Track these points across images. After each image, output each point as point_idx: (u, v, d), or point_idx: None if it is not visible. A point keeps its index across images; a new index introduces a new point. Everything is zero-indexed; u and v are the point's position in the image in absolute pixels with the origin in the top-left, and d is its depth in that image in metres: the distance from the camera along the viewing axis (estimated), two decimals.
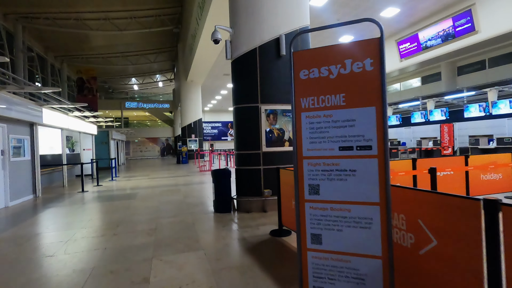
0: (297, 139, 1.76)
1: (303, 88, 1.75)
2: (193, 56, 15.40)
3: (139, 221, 4.56)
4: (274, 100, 4.91)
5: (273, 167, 4.82)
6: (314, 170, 1.72)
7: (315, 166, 1.72)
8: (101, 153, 16.88)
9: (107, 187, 8.99)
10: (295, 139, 1.78)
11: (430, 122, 15.32)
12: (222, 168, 5.09)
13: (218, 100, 32.39)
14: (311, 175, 1.73)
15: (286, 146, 4.95)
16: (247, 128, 4.97)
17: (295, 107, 1.78)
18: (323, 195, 1.70)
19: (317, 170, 1.71)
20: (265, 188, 4.84)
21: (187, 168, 15.56)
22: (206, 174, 11.88)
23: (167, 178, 10.72)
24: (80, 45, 23.38)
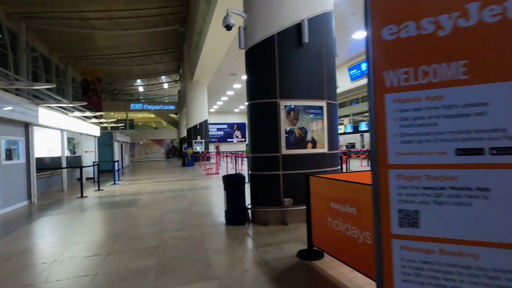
0: (378, 137, 1.11)
1: (388, 54, 1.09)
2: (199, 55, 14.83)
3: (139, 236, 3.92)
4: (295, 95, 4.24)
5: (295, 173, 4.16)
6: (409, 188, 1.06)
7: (411, 181, 1.06)
8: (105, 155, 16.39)
9: (108, 192, 8.40)
10: (374, 136, 1.12)
11: None
12: (234, 174, 4.44)
13: (224, 101, 31.84)
14: (403, 196, 1.07)
15: (309, 148, 4.28)
16: (264, 127, 4.31)
17: (373, 87, 1.12)
18: (426, 228, 1.04)
19: (415, 188, 1.05)
20: (285, 197, 4.17)
21: (193, 171, 14.96)
22: (213, 177, 11.25)
23: (172, 182, 10.11)
24: (84, 46, 23.06)
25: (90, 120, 10.98)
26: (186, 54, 21.26)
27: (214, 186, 8.80)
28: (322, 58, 4.41)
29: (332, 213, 2.54)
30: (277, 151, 4.20)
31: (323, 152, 4.37)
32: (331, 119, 4.48)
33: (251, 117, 4.52)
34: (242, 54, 16.24)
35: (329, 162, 4.43)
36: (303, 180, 4.18)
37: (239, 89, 25.32)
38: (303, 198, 4.20)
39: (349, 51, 15.70)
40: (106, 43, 23.20)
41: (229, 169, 13.37)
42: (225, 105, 34.60)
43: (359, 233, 2.23)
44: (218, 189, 8.01)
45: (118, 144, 18.27)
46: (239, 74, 20.26)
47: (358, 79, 16.71)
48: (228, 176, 4.33)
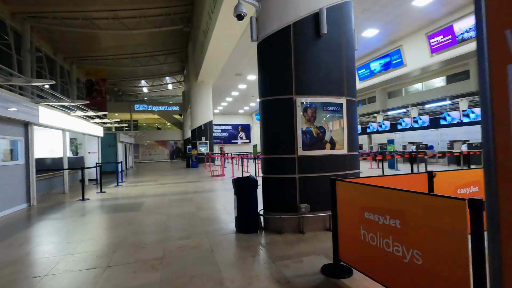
0: (498, 127, 0.74)
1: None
2: (204, 54, 14.55)
3: (142, 244, 3.57)
4: (312, 90, 3.87)
5: (312, 176, 3.79)
6: None
7: None
8: (109, 156, 16.16)
9: (111, 194, 8.09)
10: (489, 126, 0.75)
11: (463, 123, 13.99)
12: (246, 176, 4.08)
13: (228, 102, 31.56)
14: None
15: (328, 149, 3.90)
16: (278, 126, 3.95)
17: (487, 55, 0.76)
18: None
19: None
20: (302, 203, 3.80)
21: (198, 172, 14.64)
22: (218, 180, 10.90)
23: (177, 184, 9.78)
24: (89, 46, 22.96)
25: (93, 120, 10.71)
26: (191, 54, 21.02)
27: (220, 189, 8.45)
28: (341, 51, 4.04)
29: (366, 224, 2.17)
30: (293, 152, 3.83)
31: (343, 153, 3.99)
32: (351, 118, 4.11)
33: (264, 115, 4.16)
34: (247, 53, 15.99)
35: (349, 164, 4.05)
36: (322, 184, 3.91)
37: (244, 89, 25.00)
38: (322, 204, 3.85)
39: (357, 50, 15.27)
40: (111, 44, 23.08)
41: (235, 171, 13.02)
42: (230, 106, 34.32)
43: (404, 251, 1.85)
44: (225, 192, 7.66)
45: (122, 145, 18.04)
46: (244, 74, 19.96)
47: (367, 79, 16.27)
48: (239, 180, 3.97)
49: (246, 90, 25.16)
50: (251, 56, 16.22)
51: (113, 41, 22.61)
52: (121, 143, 17.75)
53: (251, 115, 40.30)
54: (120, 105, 34.57)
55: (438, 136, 16.03)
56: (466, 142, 13.92)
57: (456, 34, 10.94)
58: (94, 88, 26.14)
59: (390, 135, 18.70)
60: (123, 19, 19.00)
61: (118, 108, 33.98)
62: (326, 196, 3.84)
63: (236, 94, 27.08)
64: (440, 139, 15.90)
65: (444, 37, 11.39)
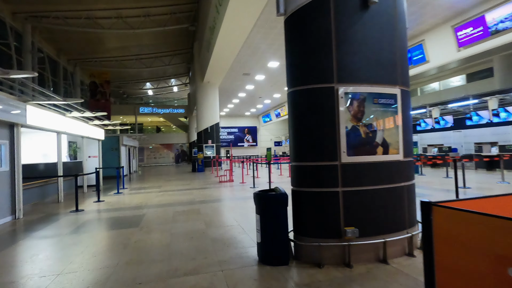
0: None
1: None
2: (211, 53, 13.74)
3: (136, 281, 2.67)
4: (359, 77, 2.95)
5: (361, 190, 2.86)
6: None
7: None
8: (111, 161, 15.40)
9: (109, 204, 7.24)
10: None
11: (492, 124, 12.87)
12: (270, 189, 3.16)
13: (235, 104, 30.76)
14: None
15: (379, 153, 2.96)
16: (314, 124, 3.02)
17: None
18: None
19: None
20: (347, 225, 2.86)
21: (204, 177, 13.77)
22: (227, 186, 10.00)
23: (182, 192, 8.90)
24: (93, 47, 22.43)
25: (93, 122, 9.94)
26: (197, 55, 20.29)
27: (230, 197, 7.55)
28: (393, 27, 3.12)
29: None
30: (334, 159, 2.91)
31: (398, 159, 3.05)
32: (406, 113, 3.17)
33: (294, 110, 3.24)
34: (256, 52, 14.75)
35: (405, 174, 3.11)
36: (373, 201, 2.89)
37: (252, 90, 24.17)
38: (373, 227, 2.88)
39: None
40: (115, 45, 22.52)
41: (245, 176, 12.12)
42: (236, 108, 33.53)
43: None
44: (236, 202, 6.75)
45: (125, 148, 17.30)
46: (252, 74, 19.10)
47: None
48: (264, 194, 3.05)
49: (253, 91, 24.32)
50: (260, 54, 15.39)
51: (117, 42, 22.04)
52: (125, 146, 17.01)
53: (257, 118, 39.45)
54: (124, 107, 34.07)
55: (462, 138, 14.91)
56: (495, 144, 12.80)
57: (488, 26, 9.92)
58: (98, 90, 25.57)
59: None
60: (126, 18, 18.37)
61: (123, 111, 33.46)
62: (378, 216, 2.89)
63: (243, 96, 26.26)
64: (464, 141, 14.78)
65: (474, 29, 10.36)
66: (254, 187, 9.25)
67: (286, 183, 9.78)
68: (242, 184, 10.27)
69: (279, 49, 14.38)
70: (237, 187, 9.68)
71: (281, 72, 18.57)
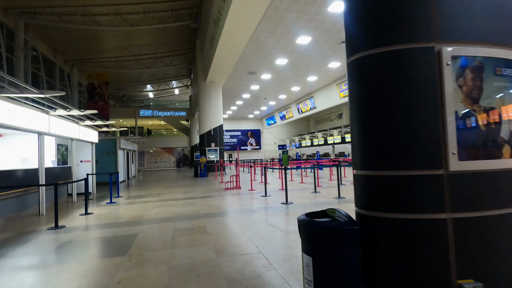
0: None
1: None
2: (215, 48, 12.68)
3: None
4: (475, 32, 1.81)
5: (483, 216, 1.69)
6: None
7: None
8: (108, 166, 14.30)
9: (98, 217, 6.10)
10: None
11: None
12: (322, 213, 2.01)
13: (238, 106, 29.72)
14: None
15: (506, 156, 1.81)
16: (398, 108, 1.87)
17: None
18: None
19: None
20: (462, 276, 1.70)
21: (208, 183, 12.63)
22: (234, 194, 8.84)
23: (184, 201, 7.76)
24: (91, 47, 21.47)
25: (83, 123, 8.84)
26: (199, 53, 19.26)
27: (242, 209, 6.40)
28: None
29: None
30: (437, 165, 1.75)
31: None
32: None
33: (363, 88, 2.07)
34: (263, 48, 13.25)
35: None
36: (504, 235, 1.67)
37: (256, 91, 23.12)
38: (510, 279, 1.72)
39: None
40: (114, 44, 21.57)
41: (253, 182, 10.97)
42: (239, 111, 32.47)
43: None
44: (251, 216, 5.60)
45: (123, 152, 16.20)
46: (258, 72, 18.04)
47: None
48: (318, 224, 1.89)
49: (258, 91, 23.26)
50: (267, 51, 14.34)
51: (116, 41, 21.08)
52: (122, 150, 15.91)
53: (261, 120, 38.37)
54: (124, 110, 33.09)
55: None
56: None
57: None
58: (96, 92, 24.56)
59: None
60: (125, 15, 17.39)
61: (122, 114, 32.47)
62: None
63: (247, 97, 25.20)
64: None
65: None
66: (266, 195, 8.09)
67: (299, 190, 8.58)
68: (252, 192, 9.12)
69: (288, 44, 13.36)
70: (247, 195, 8.52)
71: (288, 70, 17.52)
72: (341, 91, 19.14)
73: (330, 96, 20.74)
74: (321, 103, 22.52)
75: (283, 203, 6.75)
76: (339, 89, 19.25)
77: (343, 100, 19.30)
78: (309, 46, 13.40)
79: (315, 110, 23.61)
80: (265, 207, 6.43)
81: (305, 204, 6.61)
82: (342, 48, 13.73)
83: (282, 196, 7.73)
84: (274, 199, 7.45)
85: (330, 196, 7.55)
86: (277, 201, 7.06)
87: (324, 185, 10.13)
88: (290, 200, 6.95)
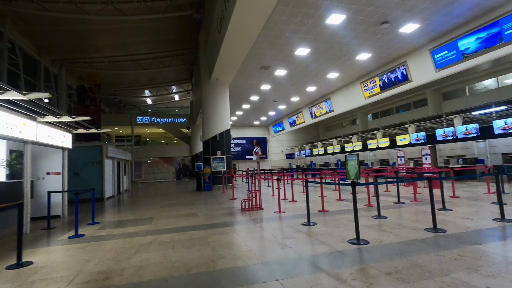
0: None
1: None
2: (224, 33, 10.17)
3: None
4: None
5: None
6: None
7: None
8: (92, 179, 11.59)
9: (44, 267, 3.37)
10: None
11: None
12: None
13: (244, 111, 27.16)
14: None
15: None
16: None
17: None
18: None
19: None
20: None
21: (215, 200, 9.88)
22: (259, 219, 6.09)
23: (188, 235, 5.02)
24: (81, 45, 19.03)
25: (43, 119, 6.19)
26: (203, 47, 16.81)
27: (289, 259, 3.66)
28: None
29: None
30: None
31: None
32: None
33: None
34: (279, 37, 9.66)
35: None
36: None
37: (266, 92, 20.54)
38: None
39: (436, 24, 10.76)
40: (106, 41, 19.16)
41: (274, 199, 8.22)
42: (245, 116, 29.91)
43: None
44: (320, 281, 2.85)
45: (112, 162, 13.49)
46: (272, 67, 15.49)
47: (450, 65, 11.62)
48: None
49: (268, 93, 20.70)
50: (285, 39, 11.87)
51: (109, 38, 18.68)
52: (111, 159, 13.21)
53: (267, 127, 35.79)
54: (120, 117, 30.55)
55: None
56: None
57: None
58: (87, 95, 22.08)
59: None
60: (117, 3, 15.04)
61: (118, 121, 29.91)
62: None
63: (255, 99, 22.64)
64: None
65: None
66: (309, 223, 5.37)
67: (350, 213, 5.80)
68: (282, 217, 6.40)
69: (315, 26, 10.84)
70: (278, 223, 5.79)
71: (308, 64, 14.99)
72: (366, 90, 16.60)
73: (352, 97, 18.19)
74: (339, 105, 19.95)
75: (352, 241, 4.03)
76: (363, 87, 16.72)
77: (369, 100, 16.74)
78: (341, 28, 10.84)
79: (332, 113, 21.01)
80: (327, 252, 3.71)
81: (391, 246, 3.88)
82: (379, 32, 11.24)
83: (333, 225, 5.02)
84: (327, 231, 4.74)
85: (414, 227, 4.83)
86: (337, 237, 4.36)
87: (383, 205, 7.49)
88: (363, 236, 4.24)
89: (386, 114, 24.91)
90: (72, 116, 6.34)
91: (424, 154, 10.95)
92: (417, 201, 7.73)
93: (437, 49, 11.80)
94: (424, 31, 11.25)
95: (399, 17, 10.10)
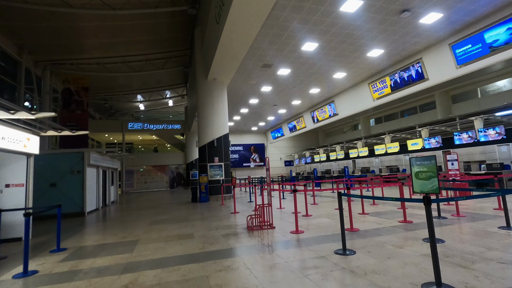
0: None
1: None
2: (223, 24, 8.90)
3: None
4: None
5: None
6: None
7: None
8: (70, 190, 10.04)
9: None
10: None
11: None
12: None
13: (242, 116, 25.83)
14: None
15: None
16: None
17: None
18: None
19: None
20: None
21: (214, 214, 8.40)
22: (273, 247, 4.66)
23: (179, 271, 3.56)
24: (66, 44, 17.56)
25: (3, 116, 4.74)
26: (199, 44, 15.51)
27: None
28: None
29: None
30: None
31: None
32: None
33: None
34: (284, 30, 8.21)
35: None
36: None
37: (267, 94, 19.26)
38: None
39: (460, 14, 9.67)
40: (95, 40, 17.71)
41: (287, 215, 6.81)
42: (242, 122, 28.58)
43: None
44: None
45: (96, 170, 11.94)
46: (275, 65, 14.22)
47: (473, 60, 10.50)
48: None
49: (268, 95, 19.44)
50: (290, 33, 10.67)
51: (98, 37, 17.25)
52: (95, 167, 11.67)
53: (265, 133, 34.48)
54: (110, 123, 28.94)
55: None
56: None
57: None
58: (73, 99, 20.50)
59: None
60: None
61: (108, 127, 28.30)
62: None
63: (254, 103, 21.35)
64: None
65: None
66: (345, 251, 3.98)
67: (392, 235, 4.39)
68: (301, 239, 4.99)
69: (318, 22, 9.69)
70: (303, 249, 4.37)
71: (314, 63, 13.78)
72: (374, 91, 15.44)
73: (359, 99, 17.01)
74: (344, 109, 18.76)
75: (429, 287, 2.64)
76: (372, 88, 15.56)
77: (377, 102, 15.57)
78: (356, 17, 9.65)
79: (336, 117, 19.81)
80: None
81: None
82: (397, 23, 10.09)
83: (380, 255, 3.63)
84: (377, 267, 3.35)
85: (496, 257, 3.47)
86: (400, 278, 2.98)
87: (420, 221, 6.15)
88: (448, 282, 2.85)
89: (390, 119, 23.83)
90: (32, 112, 4.89)
91: (450, 159, 9.68)
92: (461, 215, 6.39)
93: (459, 43, 10.69)
94: (446, 22, 10.15)
95: (422, 4, 8.97)
